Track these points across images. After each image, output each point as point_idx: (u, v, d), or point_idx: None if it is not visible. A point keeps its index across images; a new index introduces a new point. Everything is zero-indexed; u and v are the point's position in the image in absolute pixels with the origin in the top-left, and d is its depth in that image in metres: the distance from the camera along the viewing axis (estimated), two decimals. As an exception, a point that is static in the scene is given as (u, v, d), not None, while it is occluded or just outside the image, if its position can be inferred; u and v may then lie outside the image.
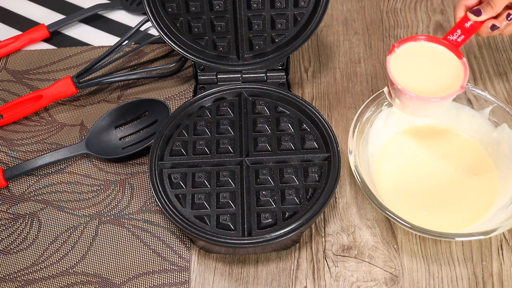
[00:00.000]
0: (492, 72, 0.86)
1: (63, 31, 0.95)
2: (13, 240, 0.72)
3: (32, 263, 0.70)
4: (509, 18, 0.71)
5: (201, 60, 0.78)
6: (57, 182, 0.77)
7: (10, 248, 0.72)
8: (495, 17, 0.72)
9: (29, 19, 0.97)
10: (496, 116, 0.73)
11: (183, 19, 0.77)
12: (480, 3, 0.73)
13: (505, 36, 0.82)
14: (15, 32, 0.95)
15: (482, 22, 0.72)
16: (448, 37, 0.72)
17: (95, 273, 0.69)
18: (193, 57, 0.78)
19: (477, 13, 0.72)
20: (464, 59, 0.71)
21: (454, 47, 0.71)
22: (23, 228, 0.73)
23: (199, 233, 0.65)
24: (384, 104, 0.74)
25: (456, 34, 0.72)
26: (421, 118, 0.77)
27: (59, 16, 0.96)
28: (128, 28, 0.94)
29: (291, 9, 0.76)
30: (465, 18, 0.73)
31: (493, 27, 0.72)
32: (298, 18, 0.77)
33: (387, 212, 0.65)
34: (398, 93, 0.69)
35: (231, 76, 0.79)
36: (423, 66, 0.71)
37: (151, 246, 0.71)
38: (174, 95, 0.85)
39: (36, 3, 0.99)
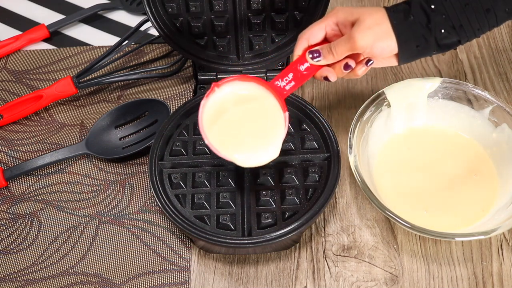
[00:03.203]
0: (492, 72, 0.86)
1: (63, 31, 0.95)
2: (13, 240, 0.72)
3: (32, 263, 0.70)
4: (347, 70, 0.63)
5: (201, 60, 0.78)
6: (57, 182, 0.77)
7: (10, 248, 0.72)
8: (330, 65, 0.63)
9: (29, 19, 0.97)
10: (496, 116, 0.73)
11: (183, 19, 0.77)
12: (325, 39, 0.64)
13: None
14: (15, 32, 0.95)
15: (319, 67, 0.63)
16: (276, 82, 0.62)
17: (95, 273, 0.69)
18: (193, 57, 0.78)
19: (316, 55, 0.62)
20: (287, 113, 0.61)
21: (280, 96, 0.62)
22: (23, 228, 0.73)
23: (199, 233, 0.65)
24: (384, 104, 0.74)
25: (286, 80, 0.62)
26: (415, 122, 0.77)
27: (59, 16, 0.96)
28: (128, 28, 0.94)
29: (291, 9, 0.76)
30: (302, 58, 0.63)
31: (326, 78, 0.63)
32: (298, 18, 0.77)
33: (387, 212, 0.65)
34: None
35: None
36: (242, 114, 0.62)
37: (151, 246, 0.71)
38: (174, 95, 0.85)
39: (36, 3, 0.99)
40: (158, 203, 0.67)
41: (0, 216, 0.74)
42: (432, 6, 0.59)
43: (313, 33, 0.63)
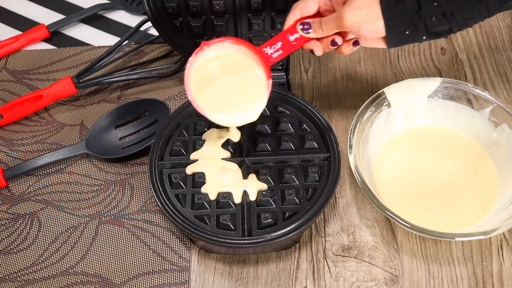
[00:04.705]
0: (492, 72, 0.86)
1: (63, 31, 0.95)
2: (13, 240, 0.72)
3: (32, 263, 0.70)
4: (333, 46, 0.64)
5: (201, 60, 0.78)
6: (57, 182, 0.77)
7: (10, 248, 0.72)
8: (319, 39, 0.65)
9: (29, 19, 0.97)
10: (496, 116, 0.73)
11: (183, 19, 0.77)
12: (318, 13, 0.65)
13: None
14: (15, 32, 0.95)
15: (308, 40, 0.64)
16: (264, 49, 0.63)
17: (95, 273, 0.69)
18: (193, 57, 0.78)
19: (306, 27, 0.63)
20: (271, 81, 0.62)
21: (267, 63, 0.62)
22: (23, 228, 0.73)
23: (199, 233, 0.65)
24: (384, 104, 0.74)
25: (275, 48, 0.63)
26: (418, 121, 0.77)
27: (59, 16, 0.96)
28: (128, 28, 0.94)
29: (291, 9, 0.76)
30: (292, 29, 0.64)
31: (312, 51, 0.65)
32: (298, 18, 0.77)
33: (387, 212, 0.65)
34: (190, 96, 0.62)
35: (231, 76, 0.79)
36: (226, 77, 0.64)
37: (151, 246, 0.71)
38: (174, 95, 0.85)
39: (36, 3, 0.99)
40: (158, 203, 0.67)
41: (0, 216, 0.74)
42: None
43: (308, 5, 0.64)
